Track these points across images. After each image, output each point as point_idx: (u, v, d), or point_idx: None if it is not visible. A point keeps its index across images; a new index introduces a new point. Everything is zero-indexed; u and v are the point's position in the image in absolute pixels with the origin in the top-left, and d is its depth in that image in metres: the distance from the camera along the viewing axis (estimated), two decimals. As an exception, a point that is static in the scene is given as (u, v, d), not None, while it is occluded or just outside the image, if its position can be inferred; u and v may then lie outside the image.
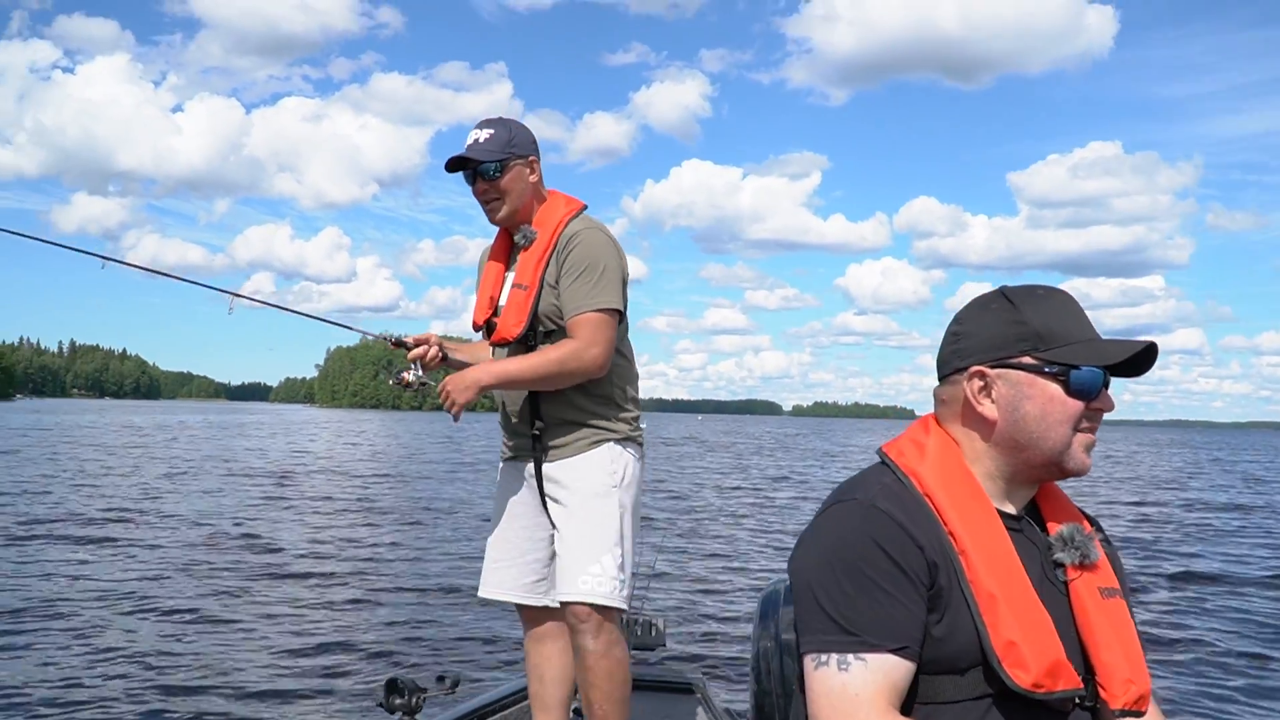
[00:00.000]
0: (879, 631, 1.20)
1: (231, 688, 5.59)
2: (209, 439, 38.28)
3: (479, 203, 2.53)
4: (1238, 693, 6.10)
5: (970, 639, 1.23)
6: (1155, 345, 1.31)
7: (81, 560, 9.53)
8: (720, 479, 24.43)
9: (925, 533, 1.26)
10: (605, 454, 2.50)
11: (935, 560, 1.24)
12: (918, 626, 1.22)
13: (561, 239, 2.47)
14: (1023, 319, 1.32)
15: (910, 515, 1.27)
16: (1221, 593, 9.51)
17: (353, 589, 8.65)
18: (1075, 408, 1.30)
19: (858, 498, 1.30)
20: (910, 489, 1.31)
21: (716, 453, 40.53)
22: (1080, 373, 1.29)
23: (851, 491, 1.33)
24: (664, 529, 9.65)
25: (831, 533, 1.29)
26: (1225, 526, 15.60)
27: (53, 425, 47.14)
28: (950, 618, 1.24)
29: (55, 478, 18.43)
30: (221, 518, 13.34)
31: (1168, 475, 30.86)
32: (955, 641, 1.23)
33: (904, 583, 1.22)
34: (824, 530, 1.31)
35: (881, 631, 1.20)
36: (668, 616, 3.99)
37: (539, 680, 2.64)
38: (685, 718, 3.17)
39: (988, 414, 1.33)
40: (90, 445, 30.67)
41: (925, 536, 1.25)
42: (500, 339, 2.51)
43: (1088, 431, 1.32)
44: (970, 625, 1.23)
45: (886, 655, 1.20)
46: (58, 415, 68.22)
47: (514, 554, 2.61)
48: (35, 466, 21.05)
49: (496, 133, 2.49)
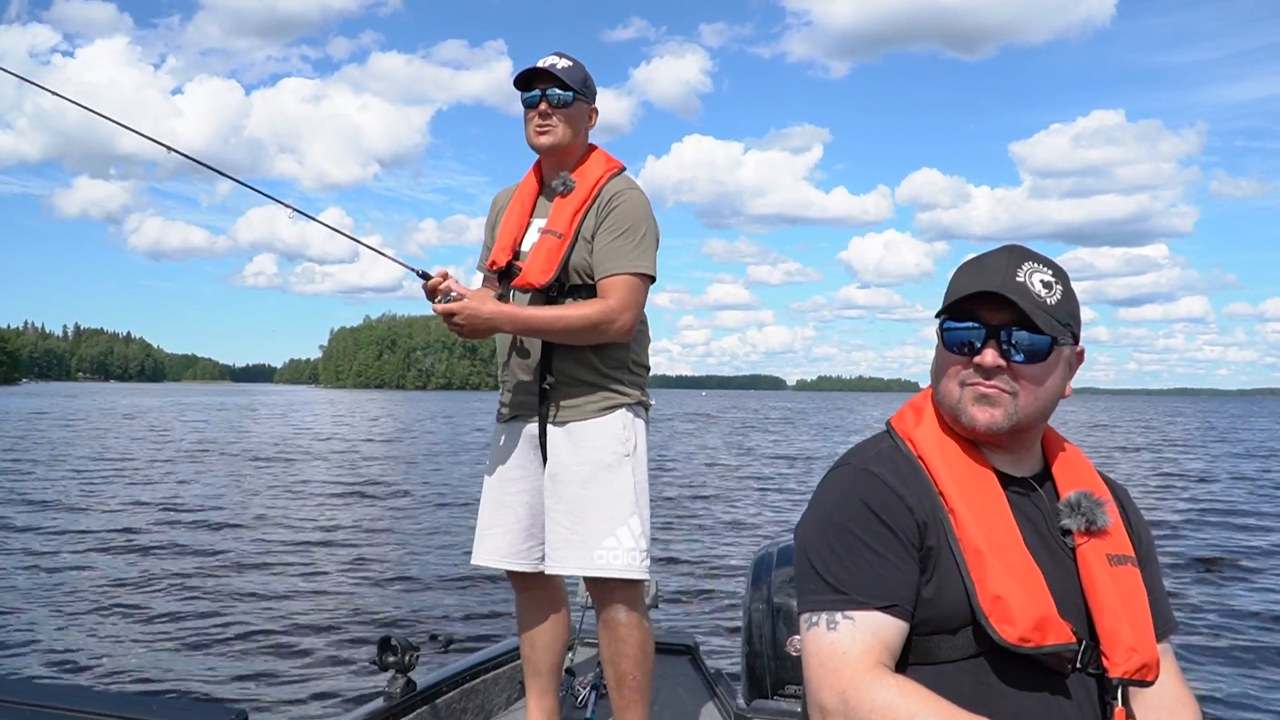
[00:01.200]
0: (866, 590, 1.21)
1: (230, 646, 5.69)
2: (209, 420, 38.38)
3: (528, 125, 2.42)
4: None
5: (960, 596, 1.22)
6: (994, 292, 1.26)
7: (80, 530, 9.60)
8: (715, 449, 24.51)
9: (916, 494, 1.27)
10: (618, 420, 2.40)
11: (924, 520, 1.25)
12: (907, 586, 1.22)
13: (604, 194, 2.40)
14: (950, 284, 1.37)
15: (902, 477, 1.29)
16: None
17: (350, 555, 8.77)
18: (948, 360, 1.32)
19: (852, 462, 1.33)
20: (905, 452, 1.33)
21: (719, 425, 40.60)
22: (946, 326, 1.32)
23: (849, 457, 1.36)
24: (658, 493, 9.70)
25: (826, 498, 1.32)
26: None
27: (53, 408, 47.23)
28: (940, 576, 1.23)
29: (42, 462, 18.46)
30: (221, 491, 13.44)
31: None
32: (945, 600, 1.23)
33: (893, 542, 1.23)
34: (820, 496, 1.34)
35: (869, 590, 1.21)
36: (660, 578, 3.98)
37: (530, 644, 2.61)
38: (681, 679, 3.17)
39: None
40: (89, 428, 30.78)
41: (915, 497, 1.26)
42: (525, 284, 2.38)
43: (972, 386, 1.29)
44: (959, 583, 1.22)
45: (874, 613, 1.20)
46: (63, 399, 68.43)
47: (509, 519, 2.52)
48: (35, 448, 21.11)
49: (575, 66, 2.44)
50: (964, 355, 1.29)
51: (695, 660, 3.30)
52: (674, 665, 3.24)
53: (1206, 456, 24.38)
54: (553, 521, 2.42)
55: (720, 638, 5.84)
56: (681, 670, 3.24)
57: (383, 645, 2.54)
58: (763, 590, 2.87)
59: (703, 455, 22.53)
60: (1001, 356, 1.27)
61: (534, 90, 2.41)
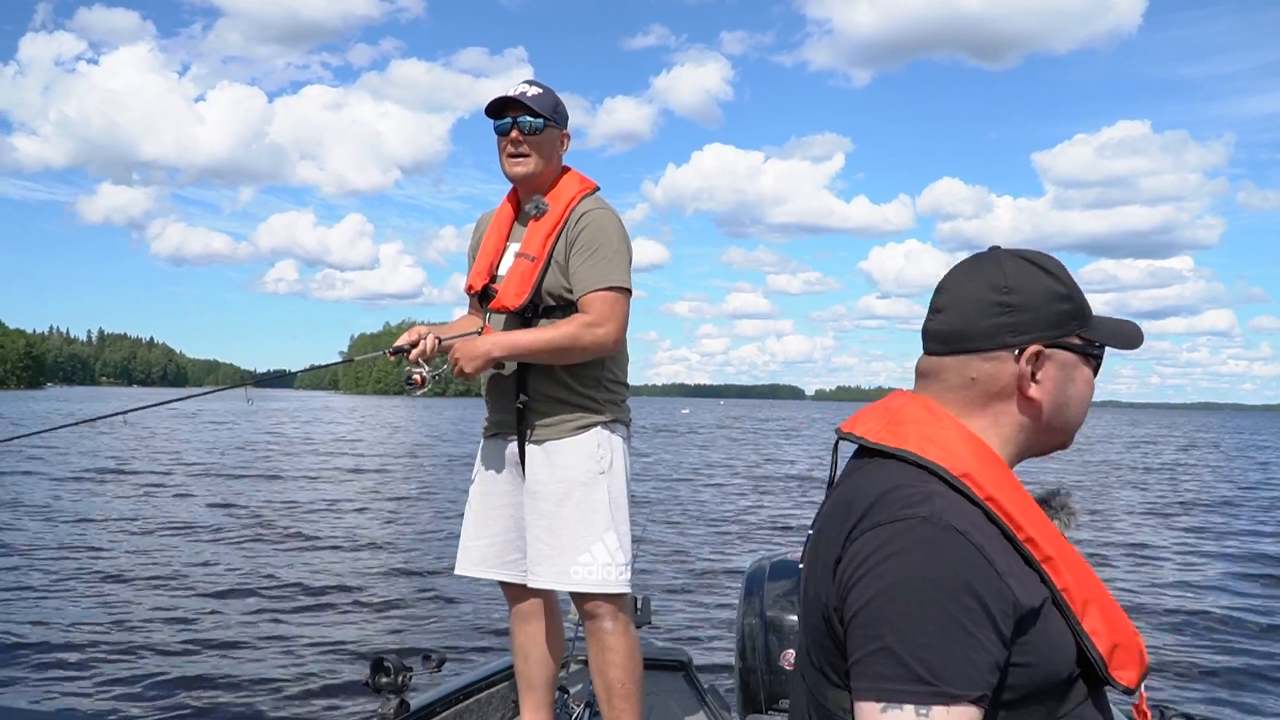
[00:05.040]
0: (963, 681, 1.02)
1: (220, 666, 5.66)
2: (217, 430, 38.61)
3: (503, 154, 2.49)
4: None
5: (1070, 653, 1.11)
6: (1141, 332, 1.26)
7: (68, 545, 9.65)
8: (711, 459, 24.42)
9: (1001, 553, 1.09)
10: (591, 439, 2.46)
11: (1020, 587, 1.07)
12: (995, 671, 1.05)
13: (572, 216, 2.46)
14: (1068, 293, 1.21)
15: (985, 535, 1.09)
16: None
17: (340, 570, 8.74)
18: (1090, 387, 1.24)
19: (921, 514, 1.08)
20: (970, 496, 1.12)
21: (728, 430, 40.48)
22: (1096, 349, 1.23)
23: (913, 505, 1.10)
24: (650, 507, 9.61)
25: (899, 561, 1.07)
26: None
27: (76, 413, 47.69)
28: (1045, 638, 1.09)
29: (47, 469, 18.60)
30: (216, 498, 13.54)
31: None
32: (1053, 661, 1.09)
33: (985, 623, 1.04)
34: (888, 556, 1.08)
35: (965, 681, 1.02)
36: (652, 593, 3.98)
37: (524, 659, 2.64)
38: (675, 694, 3.17)
39: (1035, 395, 1.20)
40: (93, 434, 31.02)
41: (1003, 558, 1.08)
42: (500, 307, 2.47)
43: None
44: (1070, 639, 1.11)
45: (966, 707, 1.03)
46: (86, 403, 69.06)
47: (493, 531, 2.59)
48: (42, 455, 21.30)
49: (545, 93, 2.49)
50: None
51: (689, 675, 3.30)
52: (668, 681, 3.25)
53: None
54: (532, 536, 2.49)
55: (714, 653, 5.81)
56: (676, 685, 3.24)
57: (375, 666, 2.55)
58: (755, 604, 2.87)
59: (699, 467, 22.46)
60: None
61: (505, 118, 2.47)
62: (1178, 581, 9.08)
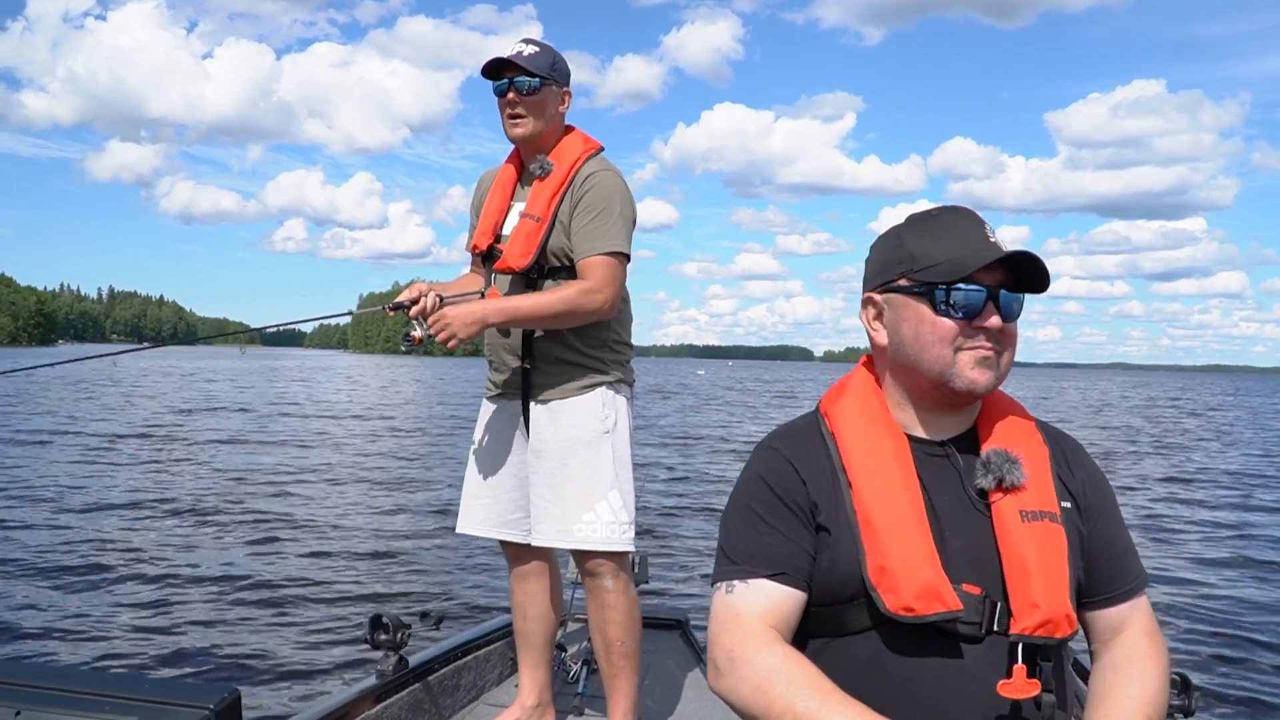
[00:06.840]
0: (758, 559, 1.29)
1: (221, 624, 5.71)
2: (222, 386, 38.80)
3: (503, 115, 2.47)
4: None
5: (852, 568, 1.26)
6: (1028, 253, 1.26)
7: (65, 507, 9.73)
8: (710, 423, 24.50)
9: (814, 467, 1.33)
10: (596, 399, 2.46)
11: (820, 492, 1.31)
12: (798, 555, 1.29)
13: (578, 177, 2.44)
14: (901, 242, 1.35)
15: (804, 451, 1.35)
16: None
17: (340, 528, 8.77)
18: (946, 326, 1.29)
19: (763, 442, 1.41)
20: (819, 427, 1.39)
21: (733, 392, 40.49)
22: (943, 291, 1.28)
23: (767, 438, 1.42)
24: (648, 468, 9.57)
25: (740, 476, 1.40)
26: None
27: (88, 372, 48.02)
28: (834, 548, 1.28)
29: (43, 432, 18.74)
30: (219, 457, 13.63)
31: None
32: (839, 571, 1.27)
33: (784, 514, 1.31)
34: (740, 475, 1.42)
35: (760, 559, 1.29)
36: (648, 552, 3.99)
37: (523, 617, 2.66)
38: (671, 652, 3.21)
39: (879, 340, 1.38)
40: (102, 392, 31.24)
41: (811, 470, 1.33)
42: (505, 267, 2.44)
43: (974, 350, 1.29)
44: (853, 554, 1.26)
45: (763, 580, 1.28)
46: (101, 361, 69.42)
47: (495, 490, 2.59)
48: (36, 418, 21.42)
49: (542, 51, 2.45)
50: (962, 319, 1.28)
51: (685, 634, 3.35)
52: (664, 639, 3.29)
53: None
54: (536, 495, 2.50)
55: (705, 611, 5.79)
56: (672, 644, 3.28)
57: (374, 623, 2.58)
58: None
59: (697, 429, 22.40)
60: (1001, 318, 1.29)
61: (502, 79, 2.45)
62: (1196, 558, 9.06)
